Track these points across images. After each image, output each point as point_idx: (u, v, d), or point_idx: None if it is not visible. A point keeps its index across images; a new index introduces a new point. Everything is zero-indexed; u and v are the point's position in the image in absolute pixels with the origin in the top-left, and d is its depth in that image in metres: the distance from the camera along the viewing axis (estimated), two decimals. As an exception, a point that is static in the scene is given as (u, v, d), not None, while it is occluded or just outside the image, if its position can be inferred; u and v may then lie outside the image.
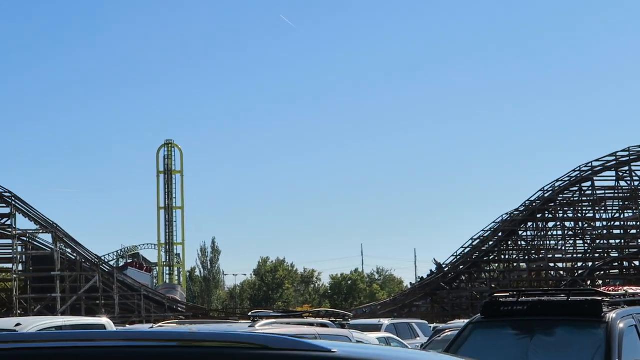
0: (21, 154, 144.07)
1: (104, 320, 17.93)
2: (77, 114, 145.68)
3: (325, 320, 15.03)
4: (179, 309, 71.26)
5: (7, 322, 16.72)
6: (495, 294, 9.75)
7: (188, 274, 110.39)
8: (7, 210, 63.22)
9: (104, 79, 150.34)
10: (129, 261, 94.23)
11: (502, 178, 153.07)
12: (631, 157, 67.47)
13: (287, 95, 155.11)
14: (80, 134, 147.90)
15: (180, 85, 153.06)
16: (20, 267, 62.70)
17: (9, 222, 62.29)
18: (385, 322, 29.58)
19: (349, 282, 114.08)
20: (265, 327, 11.83)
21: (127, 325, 38.09)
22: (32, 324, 15.67)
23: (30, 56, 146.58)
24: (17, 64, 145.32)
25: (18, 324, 15.30)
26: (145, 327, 28.92)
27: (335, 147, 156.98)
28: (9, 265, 64.11)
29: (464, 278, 72.05)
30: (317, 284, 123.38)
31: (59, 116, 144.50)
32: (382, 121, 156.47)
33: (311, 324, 13.51)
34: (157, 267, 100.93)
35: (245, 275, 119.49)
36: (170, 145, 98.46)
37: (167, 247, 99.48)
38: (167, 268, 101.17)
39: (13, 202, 62.30)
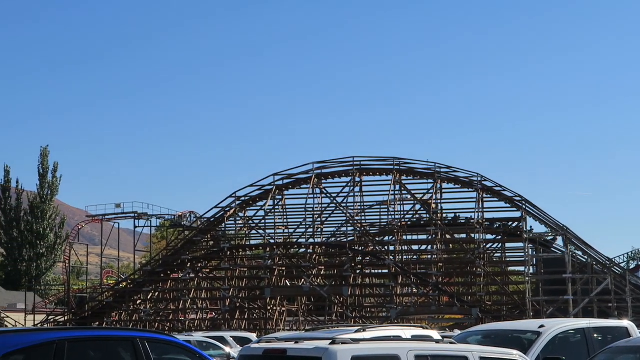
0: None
1: (625, 323, 17.93)
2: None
3: None
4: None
5: (530, 324, 17.53)
6: None
7: None
8: (517, 214, 65.60)
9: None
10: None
11: None
12: None
13: None
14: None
15: None
16: (531, 270, 64.18)
17: (520, 226, 64.57)
18: None
19: None
20: None
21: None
22: (555, 325, 16.25)
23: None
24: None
25: (542, 326, 16.02)
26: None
27: None
28: (521, 268, 66.17)
29: None
30: None
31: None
32: None
33: None
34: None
35: None
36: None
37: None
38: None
39: (524, 206, 64.36)
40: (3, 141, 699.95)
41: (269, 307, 65.19)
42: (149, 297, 69.85)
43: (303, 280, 64.71)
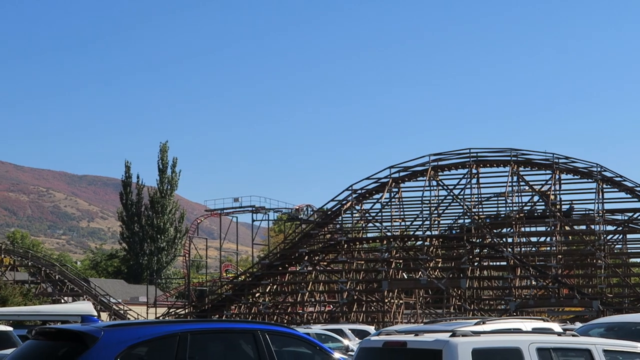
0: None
1: None
2: None
3: None
4: None
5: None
6: None
7: None
8: (639, 205, 64.18)
9: None
10: None
11: None
12: None
13: None
14: None
15: None
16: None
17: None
18: None
19: None
20: None
21: None
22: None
23: None
24: None
25: None
26: None
27: None
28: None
29: None
30: None
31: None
32: None
33: None
34: None
35: None
36: None
37: None
38: None
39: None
40: (124, 137, 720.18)
41: (386, 300, 65.14)
42: (267, 290, 70.68)
43: (420, 272, 64.44)
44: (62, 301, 76.44)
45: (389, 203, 69.93)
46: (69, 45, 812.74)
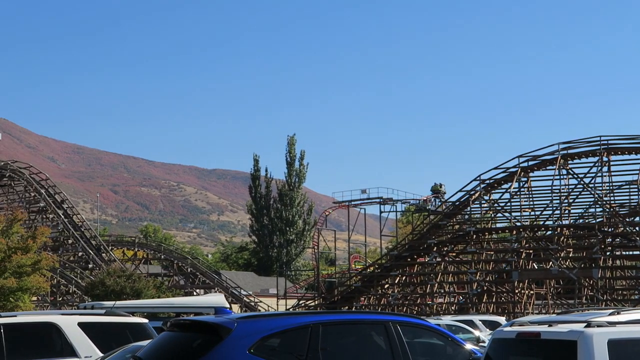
0: None
1: None
2: None
3: None
4: None
5: None
6: None
7: None
8: None
9: None
10: None
11: None
12: None
13: None
14: None
15: None
16: None
17: None
18: None
19: None
20: None
21: None
22: None
23: None
24: None
25: None
26: None
27: None
28: None
29: None
30: None
31: None
32: None
33: None
34: None
35: None
36: None
37: None
38: None
39: None
40: (252, 131, 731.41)
41: (516, 291, 64.29)
42: (396, 282, 70.69)
43: (551, 262, 63.31)
44: (194, 294, 78.25)
45: (518, 193, 69.03)
46: (210, 45, 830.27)
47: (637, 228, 64.39)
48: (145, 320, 17.21)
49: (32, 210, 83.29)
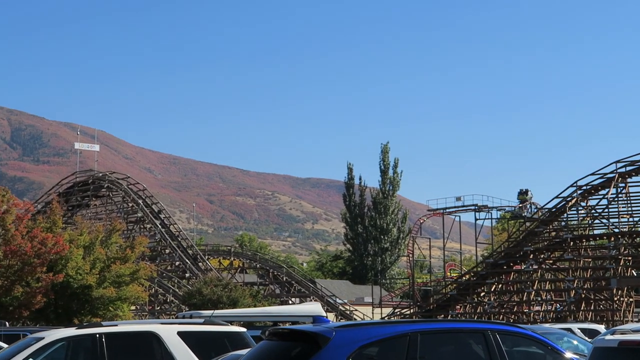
0: None
1: None
2: None
3: None
4: None
5: None
6: None
7: None
8: None
9: None
10: None
11: None
12: None
13: None
14: None
15: None
16: None
17: None
18: None
19: None
20: None
21: None
22: None
23: None
24: None
25: None
26: None
27: None
28: None
29: None
30: None
31: None
32: None
33: None
34: None
35: None
36: None
37: None
38: None
39: None
40: (346, 139, 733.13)
41: (615, 298, 62.99)
42: (492, 289, 70.00)
43: (651, 270, 61.91)
44: (290, 302, 78.77)
45: (616, 198, 67.74)
46: (294, 49, 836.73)
47: None
48: (244, 329, 17.41)
49: (130, 220, 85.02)
